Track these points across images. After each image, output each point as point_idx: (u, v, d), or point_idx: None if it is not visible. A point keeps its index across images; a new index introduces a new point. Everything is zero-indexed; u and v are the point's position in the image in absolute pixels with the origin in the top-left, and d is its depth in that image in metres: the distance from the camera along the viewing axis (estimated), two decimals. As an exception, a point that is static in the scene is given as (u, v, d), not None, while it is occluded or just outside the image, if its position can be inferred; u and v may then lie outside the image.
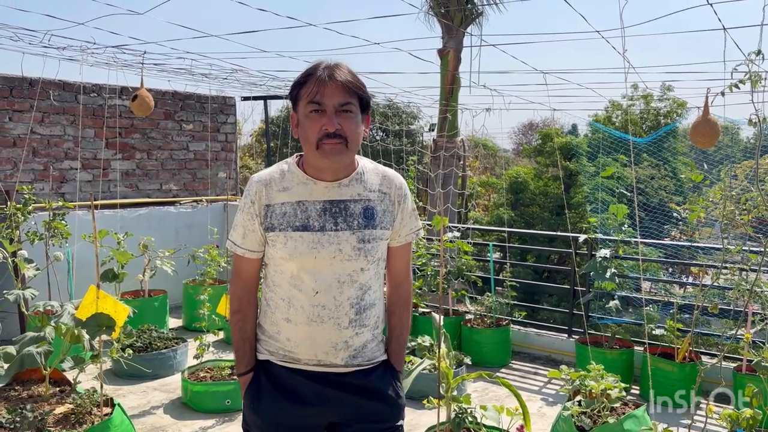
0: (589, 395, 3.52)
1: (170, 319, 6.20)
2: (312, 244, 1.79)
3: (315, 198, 1.82)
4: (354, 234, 1.81)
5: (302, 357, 1.86)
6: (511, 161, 24.99)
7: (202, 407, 4.24)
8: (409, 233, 1.98)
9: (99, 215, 5.94)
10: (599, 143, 13.04)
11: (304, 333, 1.84)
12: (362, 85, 1.80)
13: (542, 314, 11.18)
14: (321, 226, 1.80)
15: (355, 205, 1.84)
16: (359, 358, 1.88)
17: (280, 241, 1.82)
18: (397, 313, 2.03)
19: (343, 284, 1.82)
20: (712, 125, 4.22)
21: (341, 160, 1.79)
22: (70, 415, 3.32)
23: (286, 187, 1.84)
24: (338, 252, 1.80)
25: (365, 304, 1.87)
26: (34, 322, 3.74)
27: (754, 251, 4.25)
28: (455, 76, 9.72)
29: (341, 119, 1.74)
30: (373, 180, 1.90)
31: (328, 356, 1.85)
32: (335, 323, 1.83)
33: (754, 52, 2.41)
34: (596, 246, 5.27)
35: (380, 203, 1.88)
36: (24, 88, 6.16)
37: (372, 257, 1.85)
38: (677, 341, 4.54)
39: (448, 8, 10.26)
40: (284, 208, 1.82)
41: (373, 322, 1.91)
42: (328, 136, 1.73)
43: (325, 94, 1.73)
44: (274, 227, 1.82)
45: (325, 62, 1.78)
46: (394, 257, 1.99)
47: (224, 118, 8.06)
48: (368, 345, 1.91)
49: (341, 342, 1.84)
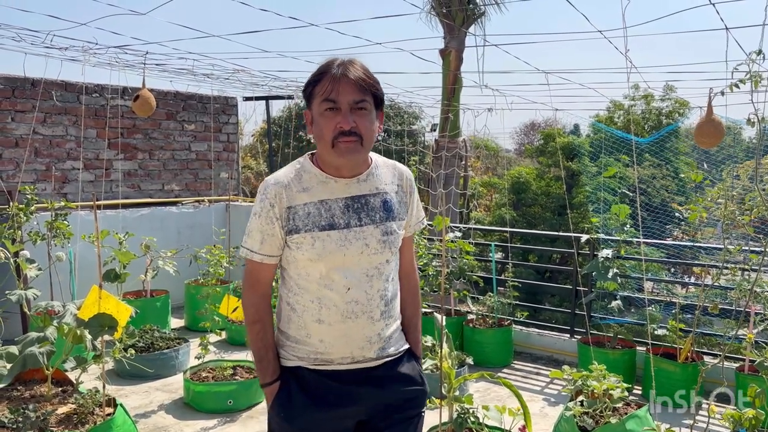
0: (591, 395, 3.52)
1: (172, 320, 6.20)
2: (340, 241, 1.79)
3: (336, 195, 1.82)
4: (378, 227, 1.83)
5: (336, 357, 1.84)
6: (513, 161, 24.98)
7: (204, 407, 4.24)
8: (416, 223, 2.02)
9: (101, 215, 5.95)
10: (601, 143, 13.03)
11: (338, 331, 1.82)
12: (376, 82, 1.80)
13: (544, 314, 11.17)
14: (346, 223, 1.81)
15: (374, 199, 1.85)
16: (388, 349, 1.90)
17: (306, 243, 1.79)
18: (411, 302, 2.06)
19: (372, 278, 1.83)
20: (716, 125, 4.20)
21: (356, 158, 1.79)
22: (72, 415, 3.32)
23: (306, 188, 1.83)
24: (365, 247, 1.81)
25: (391, 295, 1.89)
26: (37, 322, 3.75)
27: (754, 251, 4.24)
28: (457, 76, 9.71)
29: (356, 117, 1.74)
30: (386, 173, 1.92)
31: (363, 351, 1.85)
32: (368, 317, 1.83)
33: (755, 52, 2.40)
34: (598, 246, 5.26)
35: (395, 195, 1.91)
36: (26, 88, 6.17)
37: (395, 248, 1.89)
38: (679, 341, 4.53)
39: (450, 8, 10.26)
40: (307, 208, 1.81)
41: (396, 312, 1.94)
42: (343, 134, 1.73)
43: (339, 92, 1.72)
44: (299, 229, 1.79)
45: (339, 59, 1.77)
46: (404, 248, 2.01)
47: (226, 118, 8.07)
48: (394, 335, 1.93)
49: (374, 335, 1.85)
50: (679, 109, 17.57)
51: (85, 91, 6.54)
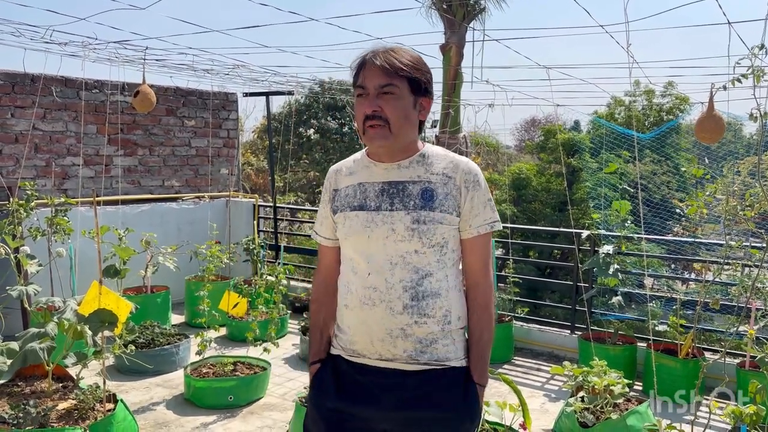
0: (591, 391, 3.52)
1: (172, 315, 6.20)
2: (366, 222, 1.80)
3: (374, 179, 1.85)
4: (409, 214, 1.77)
5: (362, 348, 1.82)
6: (513, 157, 24.95)
7: (205, 403, 4.24)
8: (482, 224, 1.83)
9: (101, 211, 5.95)
10: (602, 139, 13.01)
11: (357, 317, 1.82)
12: (412, 68, 1.77)
13: (545, 310, 11.16)
14: (377, 205, 1.81)
15: (413, 186, 1.81)
16: (426, 355, 1.77)
17: (340, 222, 1.87)
18: (475, 315, 1.87)
19: (395, 266, 1.77)
20: (717, 121, 4.19)
21: (385, 143, 1.78)
22: (73, 411, 3.33)
23: (353, 172, 1.91)
24: (391, 232, 1.78)
25: (424, 290, 1.77)
26: (37, 318, 3.75)
27: (755, 246, 4.23)
28: (457, 72, 9.69)
29: (381, 101, 1.75)
30: (437, 163, 1.84)
31: (386, 345, 1.78)
32: (387, 307, 1.77)
33: (757, 46, 2.39)
34: (599, 242, 5.26)
35: (443, 186, 1.80)
36: (26, 84, 6.15)
37: (428, 240, 1.77)
38: (680, 337, 4.53)
39: (450, 3, 10.23)
40: (347, 190, 1.88)
41: (440, 314, 1.78)
42: (368, 119, 1.76)
43: (366, 77, 1.77)
44: (337, 209, 1.88)
45: (376, 48, 1.81)
46: (467, 251, 1.86)
47: (226, 114, 8.05)
48: (438, 340, 1.79)
49: (397, 329, 1.76)
50: (680, 105, 17.54)
51: (84, 87, 6.53)
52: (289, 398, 4.43)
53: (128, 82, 6.81)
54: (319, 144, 19.11)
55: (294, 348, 5.55)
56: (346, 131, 18.99)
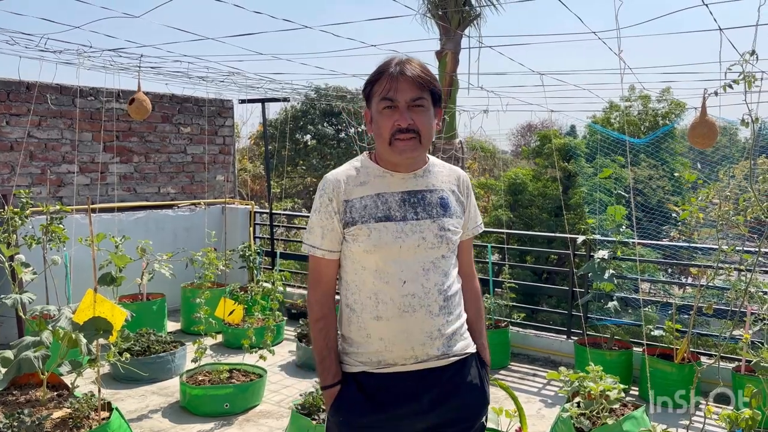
0: (588, 396, 3.52)
1: (168, 323, 6.19)
2: (396, 233, 1.81)
3: (393, 189, 1.85)
4: (435, 222, 1.85)
5: (398, 356, 1.82)
6: (510, 163, 24.99)
7: (201, 411, 4.23)
8: (475, 226, 2.04)
9: (96, 219, 5.94)
10: (597, 144, 13.04)
11: (397, 326, 1.81)
12: (434, 79, 1.82)
13: (542, 316, 11.17)
14: (403, 215, 1.83)
15: (431, 195, 1.87)
16: (454, 348, 1.88)
17: (362, 234, 1.82)
18: (473, 307, 2.05)
19: (428, 271, 1.83)
20: (710, 126, 4.21)
21: (414, 155, 1.82)
22: (67, 420, 3.31)
23: (363, 182, 1.87)
24: (422, 240, 1.82)
25: (450, 291, 1.88)
26: (32, 326, 3.73)
27: (749, 251, 4.25)
28: (453, 78, 9.72)
29: (414, 114, 1.77)
30: (442, 172, 1.95)
31: (425, 348, 1.83)
32: (427, 311, 1.82)
33: (748, 52, 2.41)
34: (594, 247, 5.27)
35: (451, 194, 1.93)
36: (21, 91, 6.15)
37: (452, 245, 1.89)
38: (676, 342, 4.53)
39: (446, 10, 10.27)
40: (364, 201, 1.84)
41: (458, 310, 1.92)
42: (400, 132, 1.76)
43: (398, 90, 1.76)
44: (355, 221, 1.83)
45: (397, 58, 1.81)
46: (463, 251, 2.02)
47: (222, 120, 8.06)
48: (457, 333, 1.90)
49: (435, 330, 1.84)
50: (675, 110, 17.61)
51: (80, 95, 6.53)
52: (285, 405, 4.42)
53: (123, 90, 6.81)
54: (316, 150, 19.15)
55: (290, 355, 5.54)
56: (342, 137, 19.02)
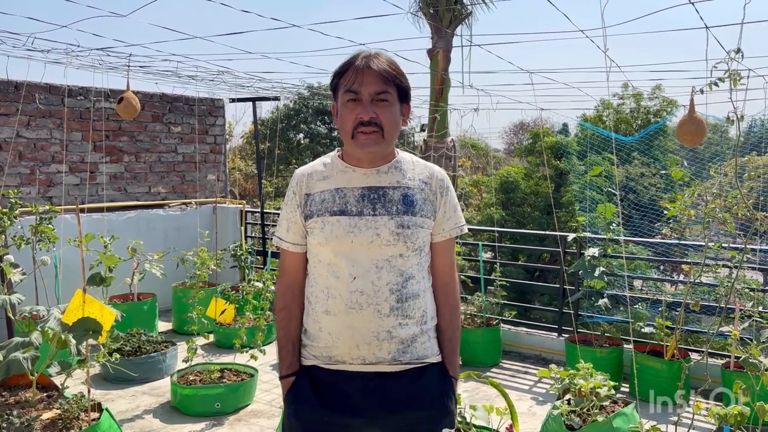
0: (578, 394, 3.53)
1: (159, 323, 6.17)
2: (349, 227, 1.79)
3: (353, 185, 1.83)
4: (392, 219, 1.80)
5: (344, 353, 1.80)
6: (502, 161, 25.03)
7: (192, 411, 4.22)
8: (453, 228, 1.93)
9: (86, 219, 5.91)
10: (588, 142, 13.08)
11: (343, 322, 1.79)
12: (400, 75, 1.81)
13: (534, 313, 11.19)
14: (359, 210, 1.80)
15: (394, 192, 1.84)
16: (408, 354, 1.82)
17: (317, 227, 1.82)
18: (446, 314, 1.95)
19: (381, 269, 1.79)
20: (698, 123, 4.23)
21: (376, 149, 1.80)
22: (57, 421, 3.30)
23: (326, 176, 1.87)
24: (376, 237, 1.79)
25: (408, 293, 1.82)
26: (21, 327, 3.71)
27: (735, 248, 4.27)
28: (444, 77, 9.72)
29: (377, 108, 1.76)
30: (412, 169, 1.90)
31: (372, 348, 1.79)
32: (375, 310, 1.78)
33: (734, 50, 2.42)
34: (585, 245, 5.28)
35: (420, 192, 1.86)
36: (9, 91, 6.11)
37: (412, 244, 1.82)
38: (666, 339, 4.55)
39: (437, 8, 10.27)
40: (323, 195, 1.84)
41: (419, 314, 1.84)
42: (362, 125, 1.75)
43: (362, 83, 1.75)
44: (312, 214, 1.84)
45: (365, 52, 1.80)
46: (438, 254, 1.94)
47: (213, 120, 8.03)
48: (417, 339, 1.84)
49: (383, 331, 1.79)
50: (667, 108, 17.68)
51: (69, 94, 6.49)
52: (276, 405, 4.41)
53: (113, 89, 6.78)
54: (308, 148, 19.13)
55: (282, 354, 5.52)
56: (335, 135, 19.01)
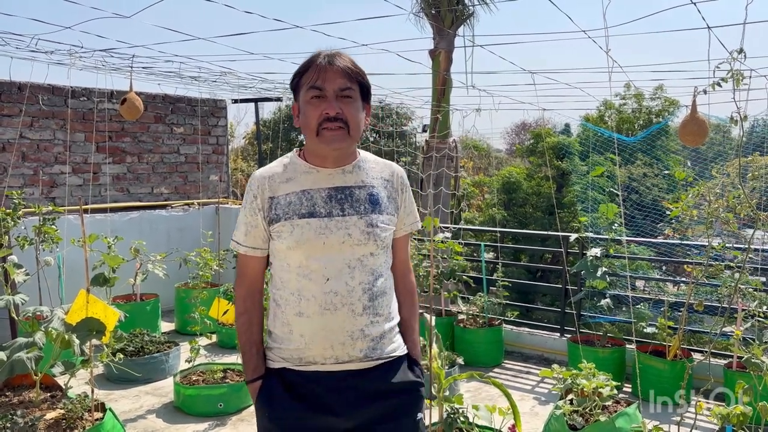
0: (580, 394, 3.53)
1: (162, 323, 6.18)
2: (320, 229, 1.78)
3: (319, 186, 1.82)
4: (362, 218, 1.81)
5: (317, 354, 1.80)
6: (504, 161, 25.03)
7: (195, 411, 4.23)
8: (412, 223, 2.00)
9: (89, 219, 5.92)
10: (591, 142, 13.09)
11: (317, 324, 1.79)
12: (362, 73, 1.81)
13: (536, 314, 11.20)
14: (328, 212, 1.79)
15: (360, 191, 1.84)
16: (378, 351, 1.84)
17: (286, 230, 1.79)
18: (407, 303, 2.02)
19: (354, 269, 1.80)
20: (700, 124, 4.23)
21: (342, 146, 1.79)
22: (61, 421, 3.31)
23: (290, 178, 1.84)
24: (347, 237, 1.79)
25: (377, 290, 1.84)
26: (25, 327, 3.72)
27: (738, 248, 4.27)
28: (446, 77, 9.73)
29: (342, 104, 1.75)
30: (374, 168, 1.91)
31: (345, 348, 1.79)
32: (349, 309, 1.79)
33: (737, 50, 2.42)
34: (587, 245, 5.28)
35: (383, 190, 1.89)
36: (13, 92, 6.13)
37: (381, 242, 1.84)
38: (669, 339, 4.55)
39: (439, 9, 10.28)
40: (289, 198, 1.82)
41: (386, 311, 1.88)
42: (328, 120, 1.74)
43: (326, 79, 1.74)
44: (279, 217, 1.81)
45: (326, 51, 1.80)
46: (399, 248, 1.99)
47: (215, 120, 8.05)
48: (386, 336, 1.87)
49: (357, 330, 1.80)
50: (669, 108, 17.68)
51: (72, 95, 6.51)
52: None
53: (116, 90, 6.80)
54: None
55: (284, 354, 5.53)
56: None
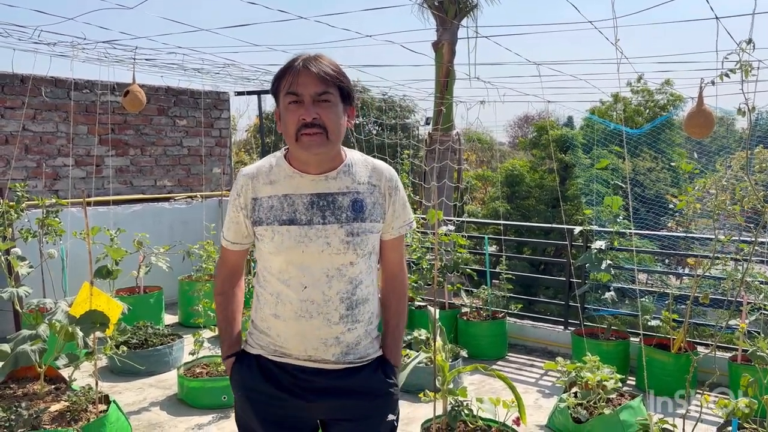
0: (585, 386, 3.53)
1: (166, 316, 6.19)
2: (299, 237, 1.77)
3: (302, 191, 1.80)
4: (342, 227, 1.78)
5: (293, 352, 1.84)
6: (507, 154, 24.98)
7: (199, 403, 4.23)
8: (402, 225, 1.94)
9: (92, 212, 5.92)
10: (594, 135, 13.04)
11: (293, 329, 1.81)
12: (342, 76, 1.77)
13: (540, 307, 11.19)
14: (308, 219, 1.77)
15: (343, 198, 1.80)
16: (351, 356, 1.85)
17: (267, 236, 1.80)
18: (392, 305, 2.00)
19: (332, 279, 1.79)
20: (706, 116, 4.19)
21: (321, 151, 1.76)
22: (65, 413, 3.32)
23: (273, 180, 1.82)
24: (326, 246, 1.77)
25: (357, 299, 1.83)
26: (29, 319, 3.73)
27: (745, 240, 4.24)
28: (449, 69, 9.69)
29: (319, 109, 1.72)
30: (361, 172, 1.86)
31: (318, 352, 1.82)
32: (324, 318, 1.80)
33: (745, 41, 2.39)
34: (591, 238, 5.27)
35: (369, 195, 1.84)
36: (15, 84, 6.12)
37: (362, 251, 1.82)
38: (673, 332, 4.54)
39: (442, 0, 10.24)
40: (271, 201, 1.80)
41: (366, 318, 1.87)
42: (306, 126, 1.71)
43: (300, 84, 1.71)
44: (261, 221, 1.81)
45: (304, 55, 1.77)
46: (387, 250, 1.96)
47: (218, 113, 8.03)
48: (361, 342, 1.87)
49: (332, 338, 1.81)
50: (674, 101, 17.60)
51: (75, 87, 6.50)
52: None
53: (119, 82, 6.78)
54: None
55: (288, 347, 5.54)
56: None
